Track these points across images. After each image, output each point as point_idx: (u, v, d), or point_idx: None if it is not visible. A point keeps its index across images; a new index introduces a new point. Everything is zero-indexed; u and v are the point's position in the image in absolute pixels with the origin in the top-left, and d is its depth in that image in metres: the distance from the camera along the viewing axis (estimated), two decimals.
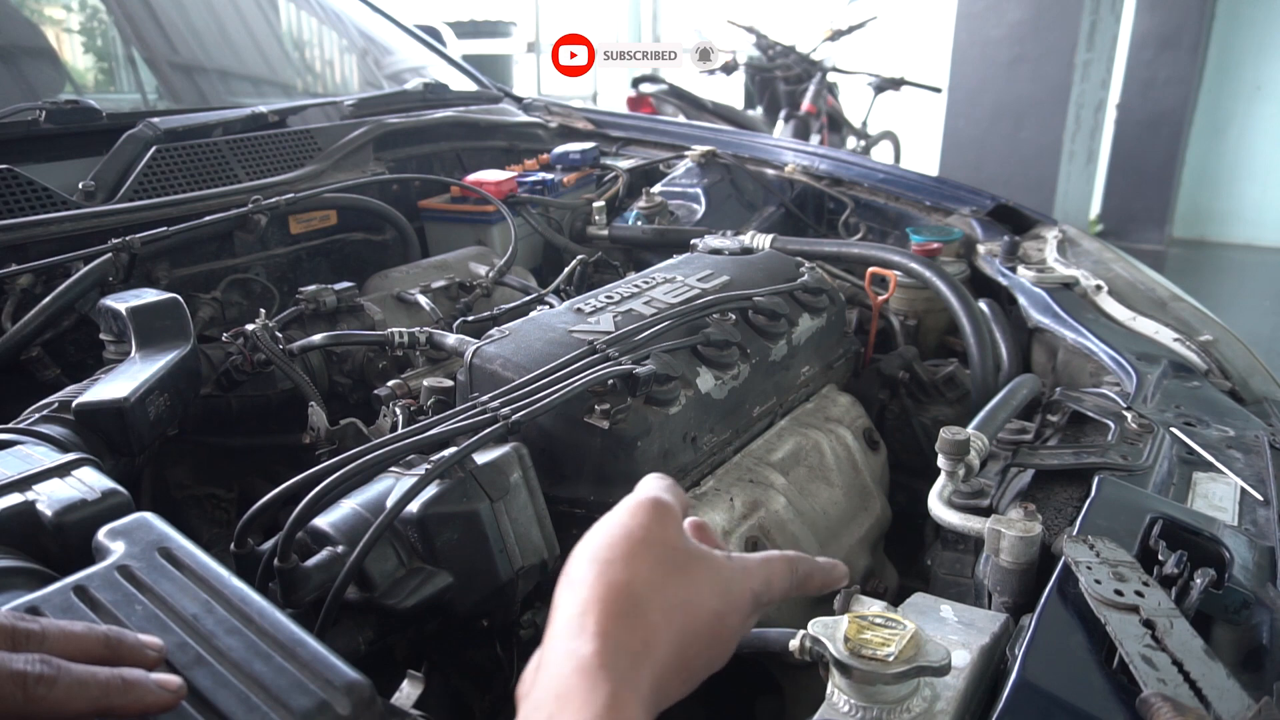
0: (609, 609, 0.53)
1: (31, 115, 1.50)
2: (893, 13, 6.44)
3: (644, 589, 0.56)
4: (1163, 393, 1.19)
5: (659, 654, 0.54)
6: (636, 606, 0.54)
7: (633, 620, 0.54)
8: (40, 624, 0.52)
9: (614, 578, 0.55)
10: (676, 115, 5.17)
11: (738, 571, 0.62)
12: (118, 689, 0.50)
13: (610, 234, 1.90)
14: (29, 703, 0.48)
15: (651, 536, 0.59)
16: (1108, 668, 0.66)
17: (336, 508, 0.82)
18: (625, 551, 0.57)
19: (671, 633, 0.55)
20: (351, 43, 2.67)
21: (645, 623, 0.54)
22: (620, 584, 0.55)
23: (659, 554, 0.58)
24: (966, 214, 1.91)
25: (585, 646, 0.51)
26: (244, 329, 1.21)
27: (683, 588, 0.58)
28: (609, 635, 0.52)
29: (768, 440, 1.20)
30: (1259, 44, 6.40)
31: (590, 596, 0.54)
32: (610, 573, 0.56)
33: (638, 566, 0.57)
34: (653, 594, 0.56)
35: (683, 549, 0.60)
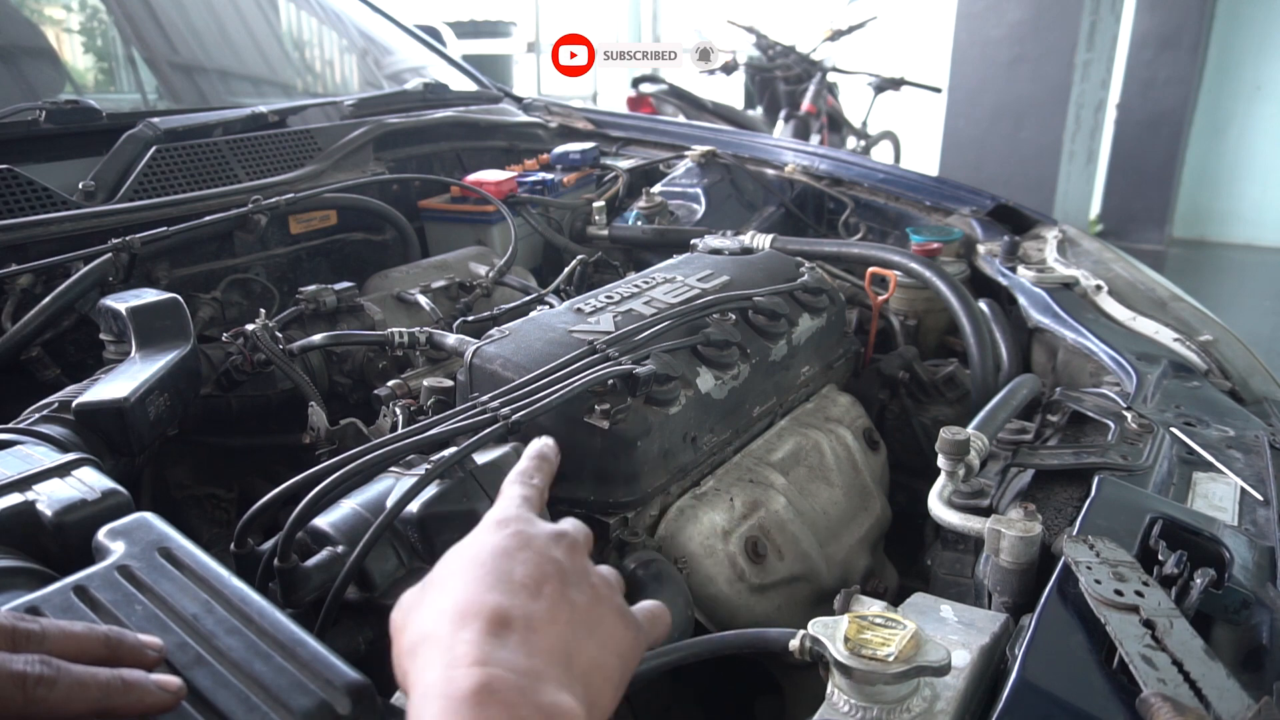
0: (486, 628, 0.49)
1: (31, 115, 1.50)
2: (893, 13, 6.43)
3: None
4: (1163, 393, 1.19)
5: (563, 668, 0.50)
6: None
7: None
8: (40, 624, 0.52)
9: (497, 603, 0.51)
10: (676, 115, 5.17)
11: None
12: (118, 690, 0.50)
13: (610, 234, 1.90)
14: (29, 704, 0.48)
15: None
16: (1108, 668, 0.66)
17: (336, 508, 0.82)
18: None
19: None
20: (351, 43, 2.67)
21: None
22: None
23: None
24: (966, 214, 1.91)
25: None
26: (244, 329, 1.21)
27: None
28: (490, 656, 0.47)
29: (768, 440, 1.20)
30: (1259, 44, 6.40)
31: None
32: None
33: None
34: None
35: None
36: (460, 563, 0.54)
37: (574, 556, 0.57)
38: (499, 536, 0.55)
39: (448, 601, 0.50)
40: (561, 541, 0.57)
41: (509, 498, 0.61)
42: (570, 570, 0.55)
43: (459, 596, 0.50)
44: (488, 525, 0.57)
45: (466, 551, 0.55)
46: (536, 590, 0.51)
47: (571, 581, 0.54)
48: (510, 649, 0.46)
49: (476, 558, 0.53)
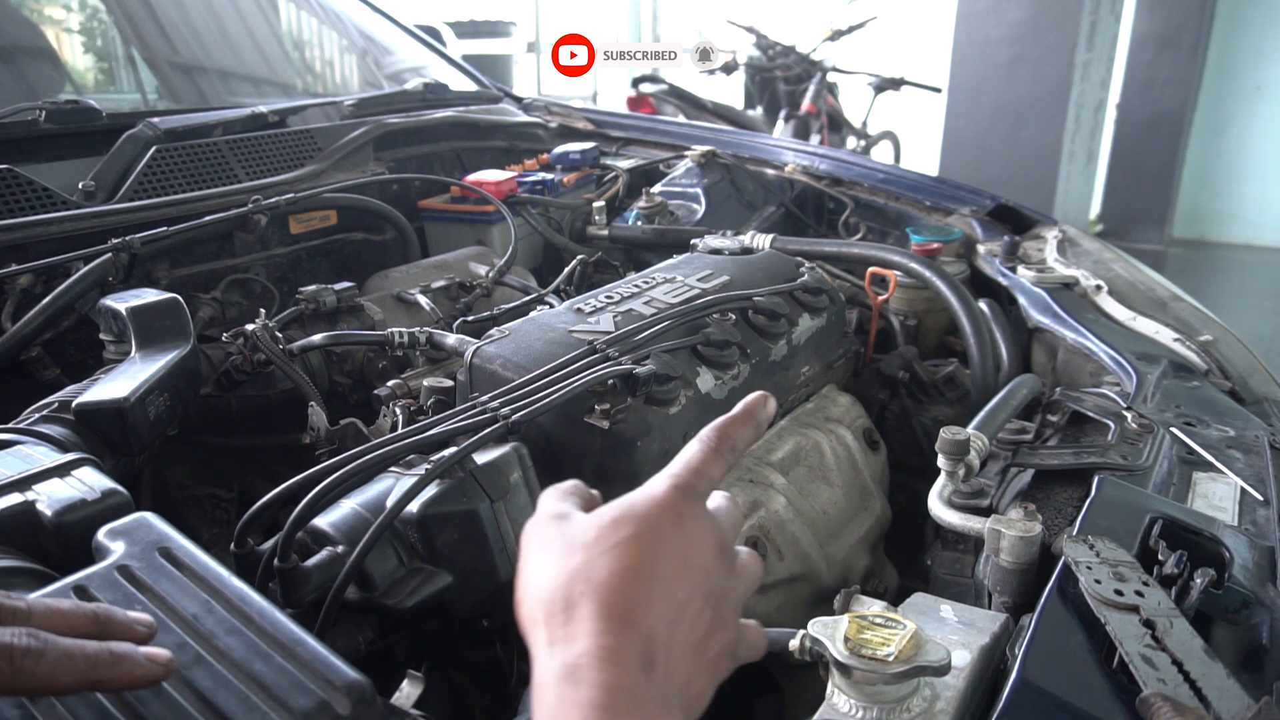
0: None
1: (31, 115, 1.50)
2: (893, 13, 6.43)
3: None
4: (1163, 393, 1.19)
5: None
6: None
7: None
8: (27, 601, 0.52)
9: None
10: (676, 115, 5.17)
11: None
12: (106, 662, 0.50)
13: (610, 234, 1.90)
14: (17, 675, 0.48)
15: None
16: (1108, 667, 0.66)
17: (336, 508, 0.82)
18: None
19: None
20: (351, 43, 2.67)
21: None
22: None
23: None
24: (966, 214, 1.91)
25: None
26: (244, 329, 1.21)
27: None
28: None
29: (768, 440, 1.20)
30: (1259, 44, 6.40)
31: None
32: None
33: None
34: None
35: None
36: (628, 536, 0.49)
37: (724, 570, 0.54)
38: (671, 527, 0.51)
39: (604, 576, 0.47)
40: (722, 556, 0.54)
41: (691, 468, 0.54)
42: (715, 589, 0.52)
43: (619, 581, 0.47)
44: (661, 503, 0.51)
45: (636, 525, 0.50)
46: (687, 606, 0.50)
47: (715, 600, 0.52)
48: (651, 671, 0.46)
49: (644, 542, 0.49)
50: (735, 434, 0.58)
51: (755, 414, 0.60)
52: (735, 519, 0.59)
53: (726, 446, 0.57)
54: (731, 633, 0.54)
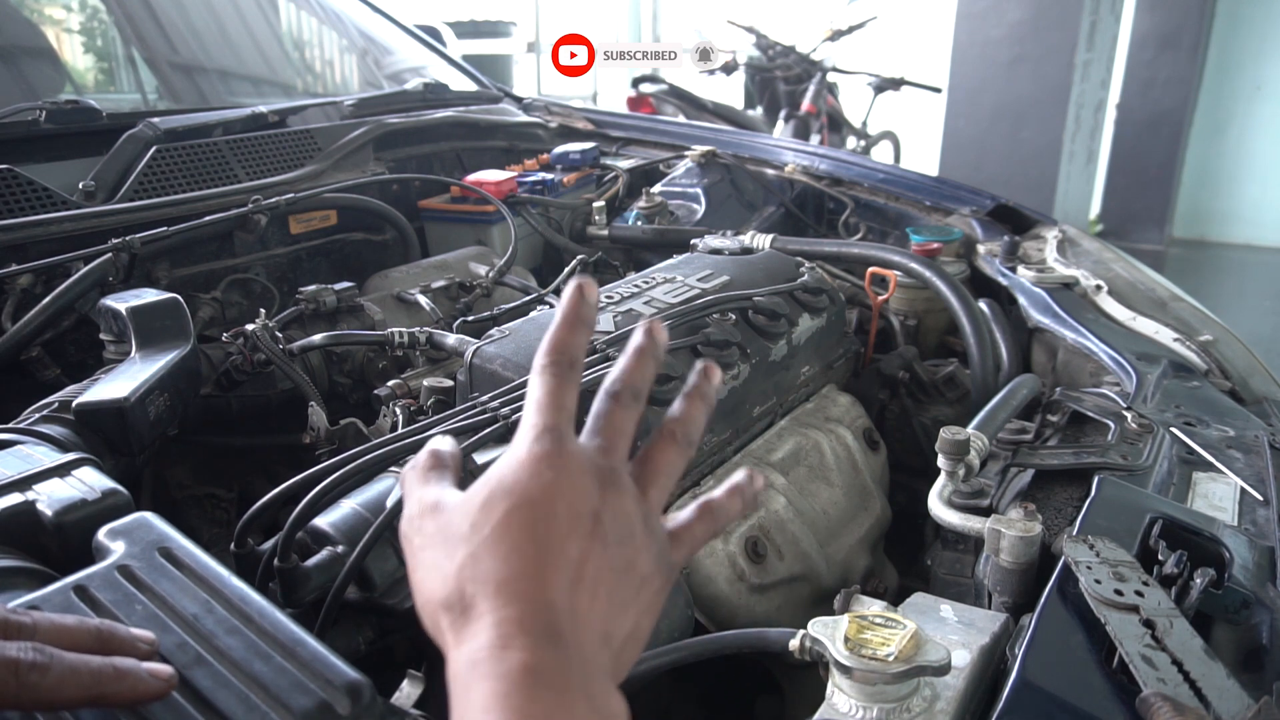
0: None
1: (31, 115, 1.50)
2: (893, 13, 6.43)
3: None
4: (1163, 393, 1.19)
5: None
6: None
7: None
8: (32, 617, 0.52)
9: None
10: (676, 115, 5.17)
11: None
12: (110, 677, 0.50)
13: (610, 234, 1.90)
14: (22, 689, 0.48)
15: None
16: (1108, 667, 0.66)
17: (336, 508, 0.82)
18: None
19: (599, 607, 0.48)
20: (351, 43, 2.67)
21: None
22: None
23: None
24: (966, 214, 1.91)
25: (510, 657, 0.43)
26: (244, 329, 1.21)
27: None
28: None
29: (768, 440, 1.20)
30: (1259, 44, 6.40)
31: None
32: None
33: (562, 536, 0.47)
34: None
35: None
36: (501, 516, 0.47)
37: (618, 504, 0.50)
38: (539, 486, 0.48)
39: (490, 568, 0.46)
40: (607, 487, 0.50)
41: (540, 406, 0.51)
42: (614, 525, 0.49)
43: (505, 566, 0.46)
44: (524, 462, 0.49)
45: (506, 500, 0.48)
46: (583, 561, 0.47)
47: (615, 539, 0.49)
48: (557, 640, 0.45)
49: (518, 515, 0.47)
50: (569, 345, 0.53)
51: (579, 311, 0.53)
52: (621, 422, 0.53)
53: (566, 365, 0.52)
54: (650, 552, 0.51)
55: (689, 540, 0.55)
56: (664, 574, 0.52)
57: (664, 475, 0.54)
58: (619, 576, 0.49)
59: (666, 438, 0.55)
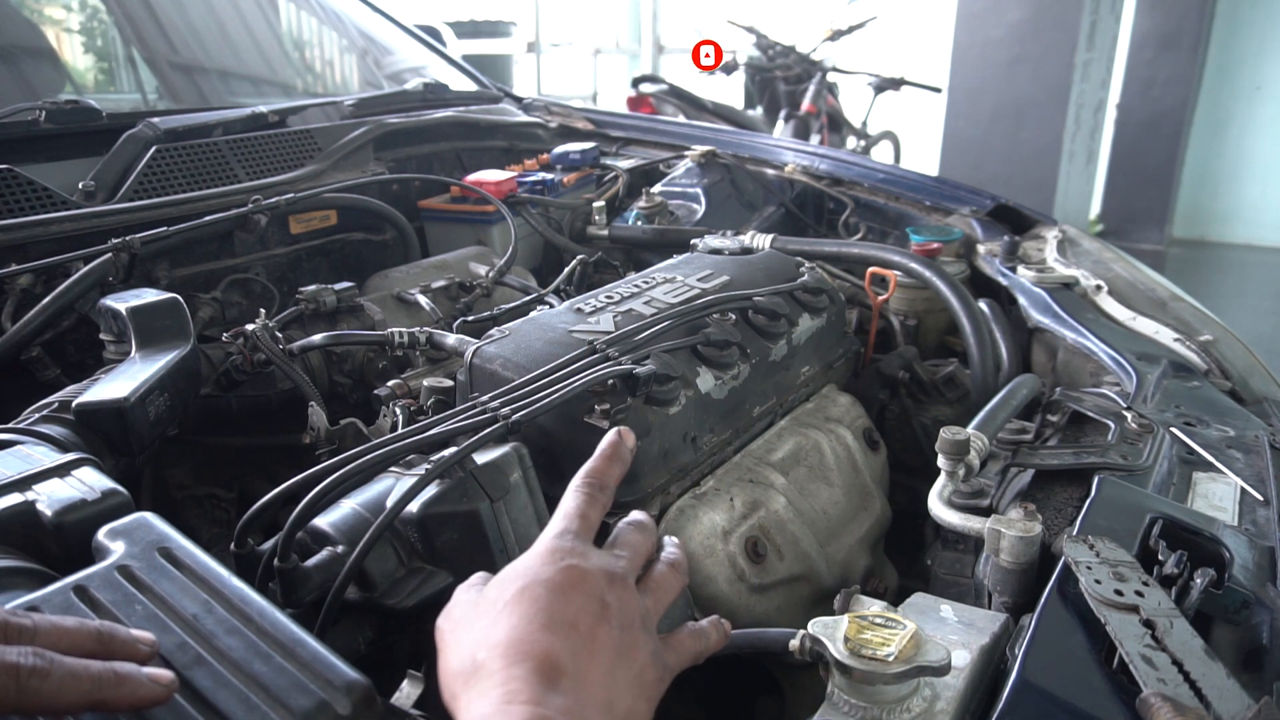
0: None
1: (31, 115, 1.50)
2: (893, 13, 6.43)
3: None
4: (1163, 393, 1.19)
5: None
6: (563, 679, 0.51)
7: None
8: (33, 619, 0.53)
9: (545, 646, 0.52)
10: (676, 115, 5.17)
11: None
12: (110, 682, 0.51)
13: (610, 234, 1.90)
14: (22, 695, 0.48)
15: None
16: (1108, 668, 0.66)
17: (336, 508, 0.82)
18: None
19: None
20: (351, 43, 2.67)
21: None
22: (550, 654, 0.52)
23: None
24: (966, 214, 1.91)
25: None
26: (244, 329, 1.21)
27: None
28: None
29: (768, 440, 1.20)
30: (1259, 44, 6.40)
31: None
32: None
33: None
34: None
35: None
36: (515, 592, 0.54)
37: (624, 597, 0.58)
38: (553, 570, 0.56)
39: (502, 634, 0.52)
40: (614, 583, 0.58)
41: (568, 515, 0.61)
42: (618, 613, 0.56)
43: (514, 632, 0.52)
44: (542, 554, 0.58)
45: (521, 580, 0.55)
46: (589, 635, 0.53)
47: (619, 624, 0.56)
48: (561, 694, 0.48)
49: (528, 590, 0.54)
50: (604, 475, 0.65)
51: (619, 451, 0.67)
52: (637, 542, 0.63)
53: (597, 488, 0.64)
54: (648, 646, 0.57)
55: (678, 648, 0.63)
56: (659, 670, 0.58)
57: (662, 590, 0.64)
58: (621, 655, 0.55)
59: (672, 567, 0.65)
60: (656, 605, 0.62)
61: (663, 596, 0.63)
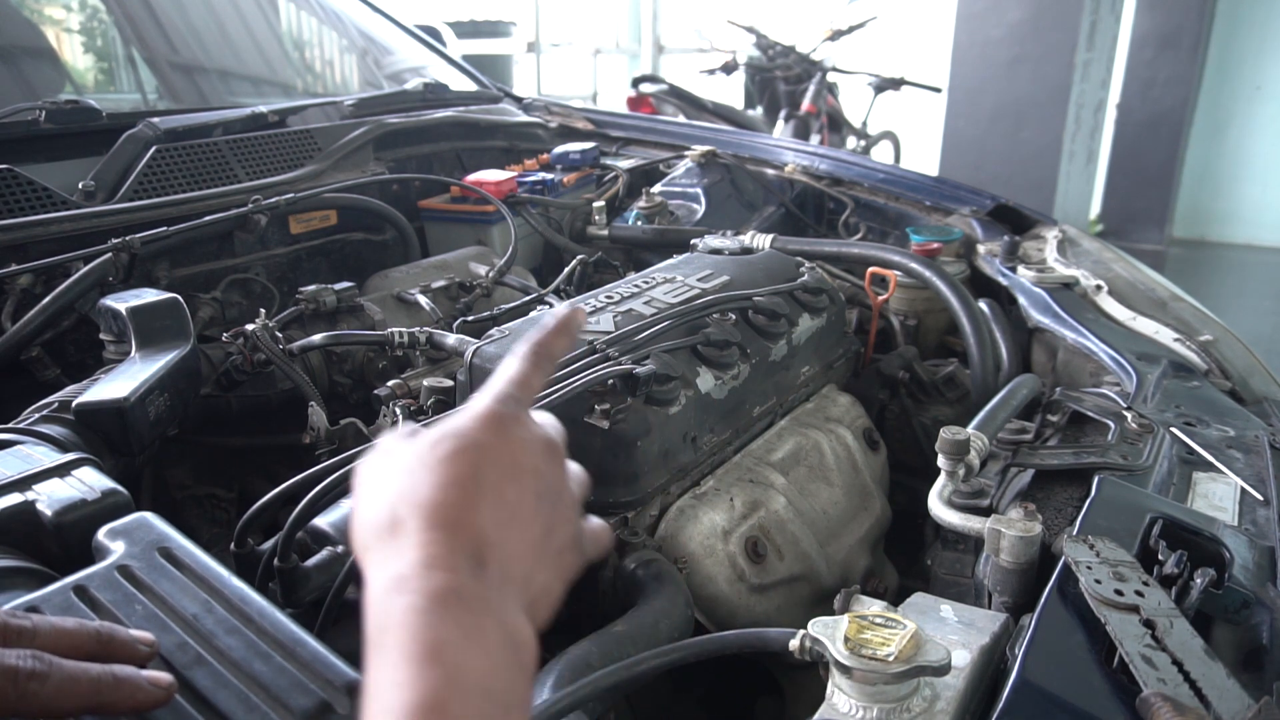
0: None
1: (31, 115, 1.50)
2: (893, 13, 6.43)
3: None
4: (1163, 393, 1.19)
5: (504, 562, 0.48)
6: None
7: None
8: (32, 620, 0.52)
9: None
10: (676, 115, 5.17)
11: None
12: (109, 685, 0.51)
13: (610, 234, 1.90)
14: (21, 698, 0.48)
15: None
16: (1108, 667, 0.66)
17: (336, 508, 0.82)
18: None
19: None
20: (351, 43, 2.67)
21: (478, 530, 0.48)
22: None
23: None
24: (966, 214, 1.91)
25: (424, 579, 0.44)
26: (244, 329, 1.21)
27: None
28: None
29: (768, 440, 1.20)
30: (1259, 44, 6.40)
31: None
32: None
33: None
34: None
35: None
36: (447, 452, 0.50)
37: (558, 473, 0.55)
38: (489, 435, 0.51)
39: (427, 494, 0.47)
40: (551, 455, 0.54)
41: (510, 380, 0.56)
42: (551, 487, 0.53)
43: (441, 493, 0.47)
44: (481, 416, 0.52)
45: (455, 440, 0.50)
46: (517, 506, 0.50)
47: (550, 499, 0.53)
48: (481, 564, 0.46)
49: (465, 454, 0.50)
50: (551, 345, 0.59)
51: (570, 326, 0.61)
52: (560, 428, 0.59)
53: (543, 357, 0.58)
54: (572, 527, 0.55)
55: (596, 540, 0.60)
56: (575, 554, 0.55)
57: (581, 485, 0.60)
58: (545, 534, 0.52)
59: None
60: (580, 492, 0.59)
61: (582, 491, 0.59)
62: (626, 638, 0.81)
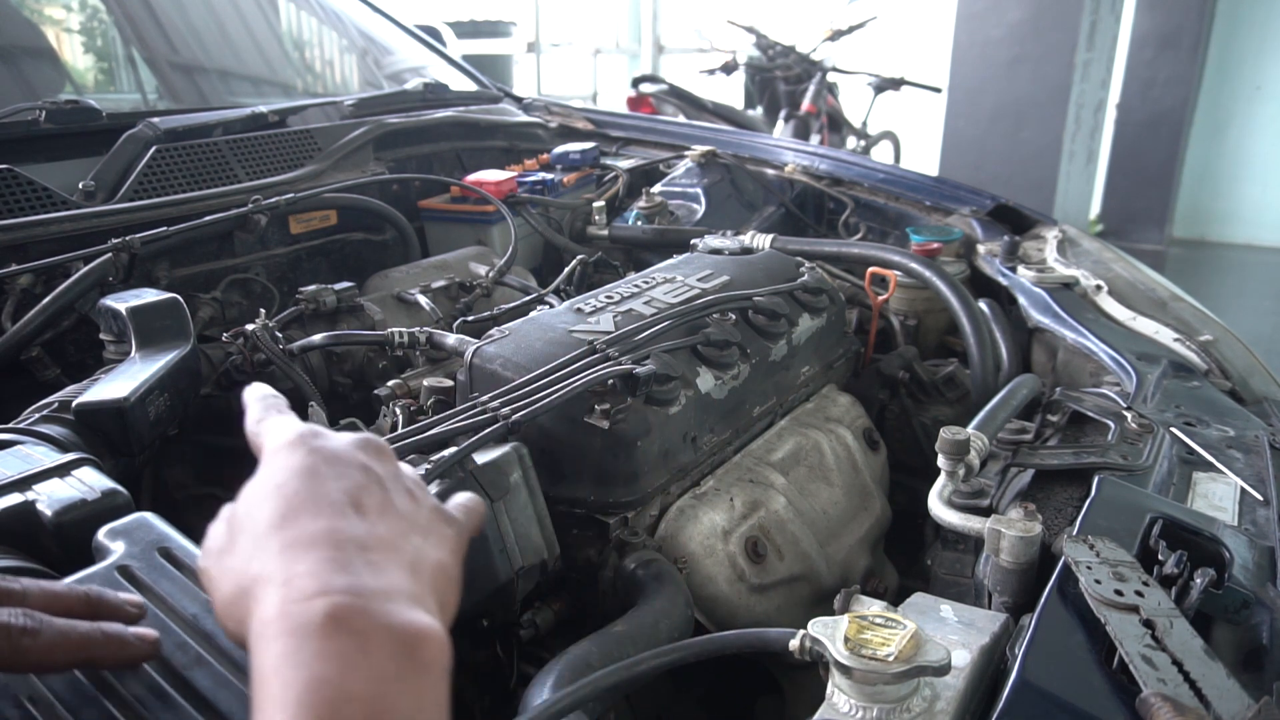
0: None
1: (31, 115, 1.50)
2: (893, 13, 6.44)
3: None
4: (1163, 393, 1.19)
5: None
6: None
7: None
8: (22, 584, 0.54)
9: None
10: (676, 115, 5.17)
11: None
12: (98, 641, 0.52)
13: (610, 234, 1.90)
14: (15, 653, 0.50)
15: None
16: (1108, 668, 0.66)
17: None
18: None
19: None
20: (351, 43, 2.67)
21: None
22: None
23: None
24: (966, 214, 1.91)
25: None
26: (244, 329, 1.21)
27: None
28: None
29: (768, 440, 1.20)
30: (1259, 44, 6.40)
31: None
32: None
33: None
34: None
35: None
36: (264, 494, 0.49)
37: (383, 460, 0.54)
38: (296, 458, 0.50)
39: (272, 540, 0.46)
40: (367, 447, 0.54)
41: (281, 421, 0.55)
42: (385, 475, 0.52)
43: (279, 529, 0.46)
44: (277, 451, 0.52)
45: (268, 482, 0.50)
46: (359, 505, 0.49)
47: (390, 487, 0.52)
48: (351, 573, 0.43)
49: (283, 486, 0.49)
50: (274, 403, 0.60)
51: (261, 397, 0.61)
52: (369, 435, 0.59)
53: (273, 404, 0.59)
54: (428, 501, 0.55)
55: (468, 510, 0.60)
56: (452, 524, 0.55)
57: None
58: (406, 515, 0.51)
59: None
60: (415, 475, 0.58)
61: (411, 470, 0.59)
62: (626, 638, 0.81)
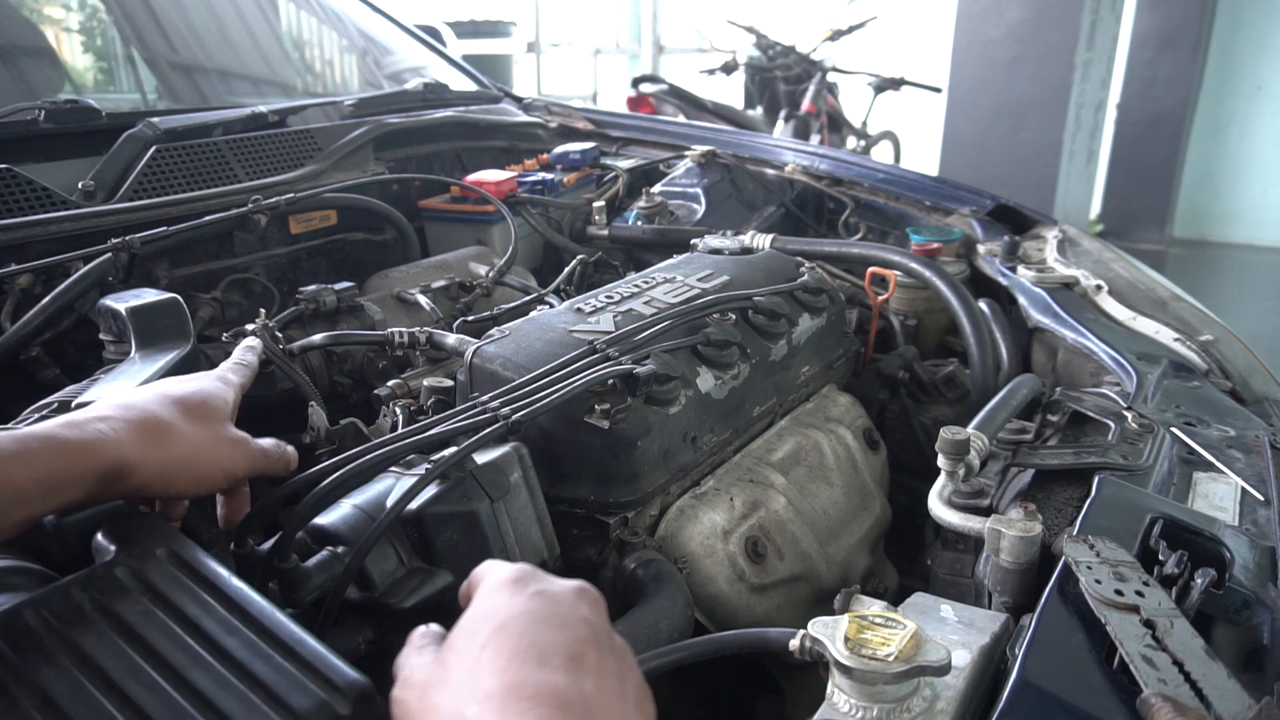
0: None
1: (31, 115, 1.50)
2: (893, 13, 6.44)
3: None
4: (1163, 393, 1.19)
5: None
6: None
7: None
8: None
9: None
10: (676, 115, 5.17)
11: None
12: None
13: (610, 234, 1.90)
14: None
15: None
16: (1108, 668, 0.66)
17: (336, 508, 0.82)
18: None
19: None
20: (351, 43, 2.67)
21: None
22: None
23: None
24: (966, 214, 1.91)
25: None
26: (244, 329, 1.21)
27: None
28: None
29: (768, 440, 1.20)
30: (1259, 44, 6.40)
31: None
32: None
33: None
34: None
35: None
36: (485, 635, 0.48)
37: (600, 614, 0.53)
38: (521, 600, 0.50)
39: (491, 682, 0.45)
40: (585, 599, 0.53)
41: (496, 564, 0.56)
42: (601, 631, 0.51)
43: (506, 676, 0.45)
44: (501, 586, 0.52)
45: (488, 621, 0.49)
46: (581, 661, 0.47)
47: (604, 645, 0.50)
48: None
49: (504, 628, 0.48)
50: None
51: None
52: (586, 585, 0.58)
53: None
54: (629, 655, 0.53)
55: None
56: (646, 707, 0.52)
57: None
58: (620, 674, 0.49)
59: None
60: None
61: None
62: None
